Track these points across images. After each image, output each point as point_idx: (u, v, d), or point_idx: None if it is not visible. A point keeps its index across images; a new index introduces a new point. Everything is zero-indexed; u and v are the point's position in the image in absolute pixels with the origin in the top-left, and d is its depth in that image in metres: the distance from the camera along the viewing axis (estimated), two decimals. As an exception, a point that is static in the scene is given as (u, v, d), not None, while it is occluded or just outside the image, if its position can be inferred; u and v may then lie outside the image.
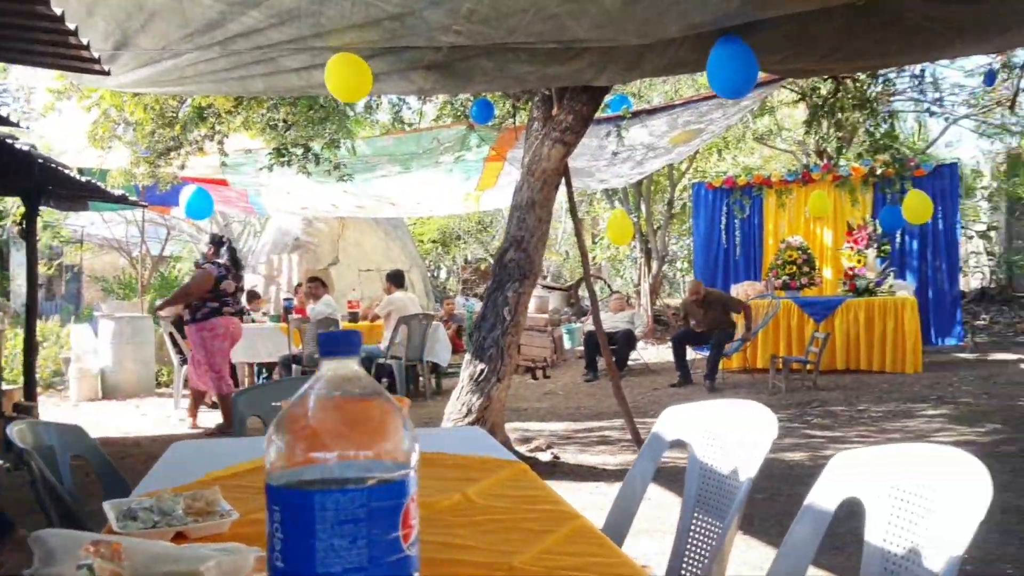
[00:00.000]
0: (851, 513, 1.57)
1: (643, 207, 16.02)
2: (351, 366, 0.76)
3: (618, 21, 3.48)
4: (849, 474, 1.57)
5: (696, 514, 2.07)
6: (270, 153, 7.53)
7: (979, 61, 12.07)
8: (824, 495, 1.58)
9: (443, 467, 1.91)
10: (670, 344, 11.12)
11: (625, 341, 11.22)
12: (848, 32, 4.01)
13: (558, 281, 20.81)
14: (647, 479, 2.13)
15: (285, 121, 7.53)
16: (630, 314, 12.17)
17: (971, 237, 17.71)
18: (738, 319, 10.41)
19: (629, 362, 11.63)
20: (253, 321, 10.27)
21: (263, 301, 12.16)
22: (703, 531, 2.05)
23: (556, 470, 6.02)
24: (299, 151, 7.47)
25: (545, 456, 6.39)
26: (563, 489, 5.47)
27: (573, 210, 6.46)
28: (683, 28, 3.54)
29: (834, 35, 4.03)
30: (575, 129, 5.79)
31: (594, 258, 20.07)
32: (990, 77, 7.43)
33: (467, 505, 1.60)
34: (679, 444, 2.17)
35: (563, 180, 6.22)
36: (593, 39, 3.79)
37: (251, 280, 15.04)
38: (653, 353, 13.28)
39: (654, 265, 16.24)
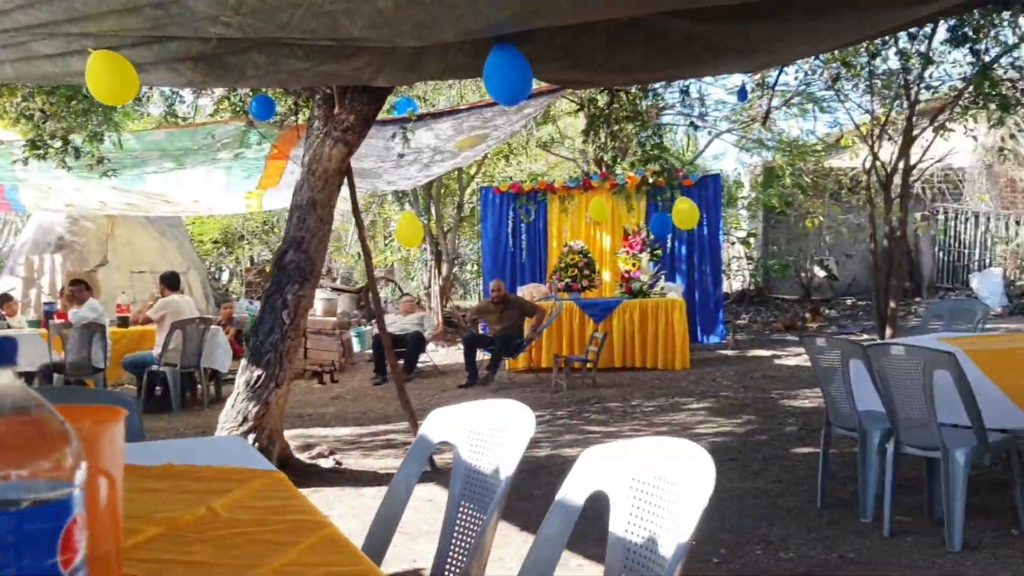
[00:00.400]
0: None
1: (433, 210, 16.11)
2: (4, 377, 0.69)
3: (393, 22, 3.46)
4: (596, 468, 1.63)
5: (462, 513, 2.09)
6: (24, 145, 6.91)
7: (740, 80, 13.05)
8: (573, 490, 1.64)
9: (191, 480, 1.81)
10: (461, 346, 11.25)
11: (414, 343, 11.23)
12: (616, 46, 4.21)
13: (348, 284, 20.49)
14: (412, 482, 2.13)
15: (43, 111, 6.94)
16: (420, 316, 12.18)
17: (733, 243, 19.14)
18: (529, 322, 10.71)
19: (419, 364, 11.64)
20: (9, 327, 9.43)
21: (17, 305, 11.14)
22: (469, 529, 2.07)
23: (338, 476, 5.92)
24: (57, 144, 6.90)
25: (327, 462, 6.26)
26: (345, 495, 5.41)
27: (356, 212, 6.39)
28: (458, 33, 3.58)
29: (604, 48, 4.21)
30: (357, 129, 5.72)
31: (385, 260, 19.97)
32: (742, 93, 8.07)
33: (211, 519, 1.52)
34: (447, 445, 2.18)
35: (346, 180, 6.13)
36: (368, 39, 3.76)
37: (9, 282, 13.77)
38: (443, 355, 13.37)
39: (444, 267, 16.37)
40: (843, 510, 4.66)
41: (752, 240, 18.67)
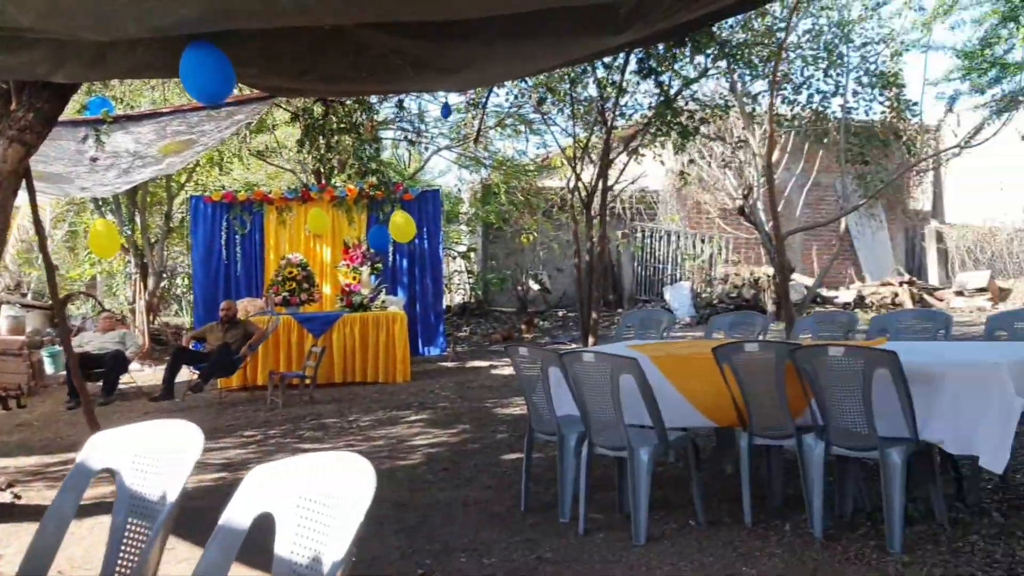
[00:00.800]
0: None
1: (138, 219, 15.04)
2: None
3: (69, 13, 3.17)
4: (262, 489, 1.57)
5: (129, 542, 1.93)
6: None
7: (455, 97, 13.43)
8: (237, 513, 1.56)
9: None
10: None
11: (114, 363, 10.42)
12: (319, 55, 4.14)
13: (41, 299, 18.60)
14: (68, 515, 1.94)
15: None
16: (121, 334, 11.30)
17: (454, 257, 19.64)
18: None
19: (120, 385, 10.79)
20: None
21: None
22: (135, 557, 1.92)
23: (15, 511, 5.33)
24: None
25: (4, 496, 5.61)
26: (22, 531, 4.87)
27: (36, 219, 5.79)
28: (144, 29, 3.34)
29: (305, 55, 4.12)
30: (36, 129, 5.18)
31: (84, 273, 18.37)
32: (445, 110, 8.27)
33: None
34: (108, 472, 2.01)
35: (25, 185, 5.55)
36: (42, 30, 3.42)
37: None
38: (149, 375, 12.49)
39: (151, 281, 15.31)
40: (545, 512, 4.86)
41: (472, 254, 19.23)
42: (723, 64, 9.32)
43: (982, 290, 17.38)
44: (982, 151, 12.83)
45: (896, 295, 17.24)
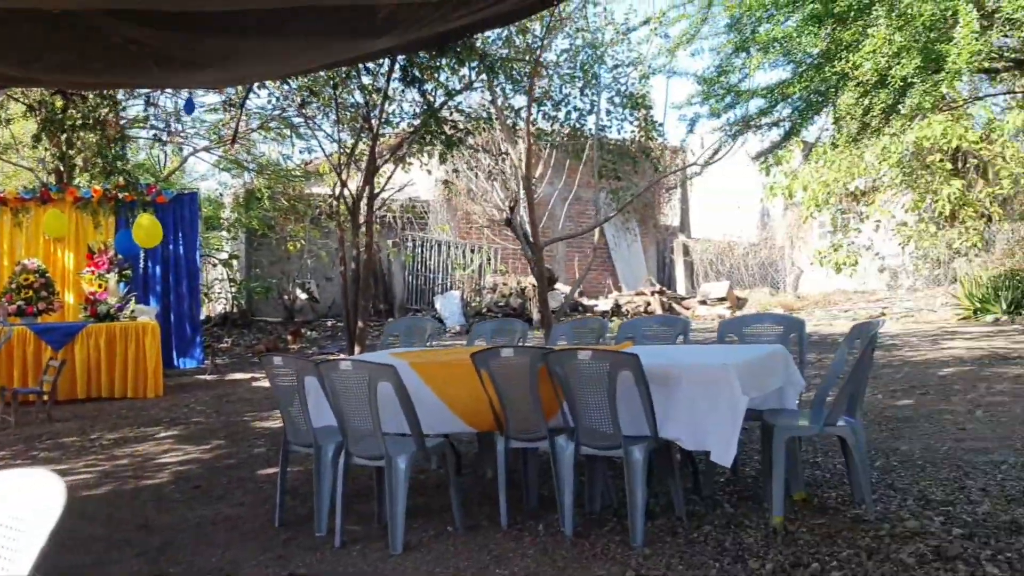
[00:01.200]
0: None
1: None
2: None
3: None
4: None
5: None
6: None
7: (217, 96, 12.81)
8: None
9: None
10: None
11: None
12: (48, 42, 3.80)
13: None
14: None
15: None
16: None
17: (215, 265, 18.75)
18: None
19: None
20: None
21: None
22: None
23: None
24: None
25: None
26: None
27: None
28: None
29: (33, 42, 3.77)
30: None
31: None
32: (188, 106, 7.88)
33: None
34: None
35: None
36: None
37: None
38: None
39: None
40: (300, 527, 4.71)
41: (235, 262, 18.45)
42: (486, 77, 9.54)
43: (722, 299, 18.95)
44: (722, 174, 14.00)
45: (649, 304, 18.40)
